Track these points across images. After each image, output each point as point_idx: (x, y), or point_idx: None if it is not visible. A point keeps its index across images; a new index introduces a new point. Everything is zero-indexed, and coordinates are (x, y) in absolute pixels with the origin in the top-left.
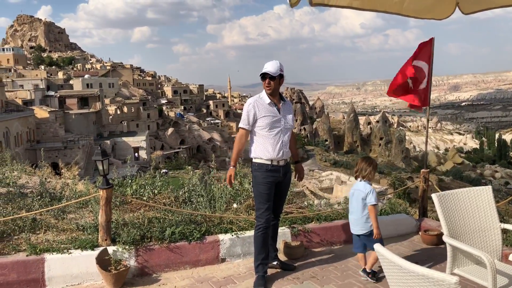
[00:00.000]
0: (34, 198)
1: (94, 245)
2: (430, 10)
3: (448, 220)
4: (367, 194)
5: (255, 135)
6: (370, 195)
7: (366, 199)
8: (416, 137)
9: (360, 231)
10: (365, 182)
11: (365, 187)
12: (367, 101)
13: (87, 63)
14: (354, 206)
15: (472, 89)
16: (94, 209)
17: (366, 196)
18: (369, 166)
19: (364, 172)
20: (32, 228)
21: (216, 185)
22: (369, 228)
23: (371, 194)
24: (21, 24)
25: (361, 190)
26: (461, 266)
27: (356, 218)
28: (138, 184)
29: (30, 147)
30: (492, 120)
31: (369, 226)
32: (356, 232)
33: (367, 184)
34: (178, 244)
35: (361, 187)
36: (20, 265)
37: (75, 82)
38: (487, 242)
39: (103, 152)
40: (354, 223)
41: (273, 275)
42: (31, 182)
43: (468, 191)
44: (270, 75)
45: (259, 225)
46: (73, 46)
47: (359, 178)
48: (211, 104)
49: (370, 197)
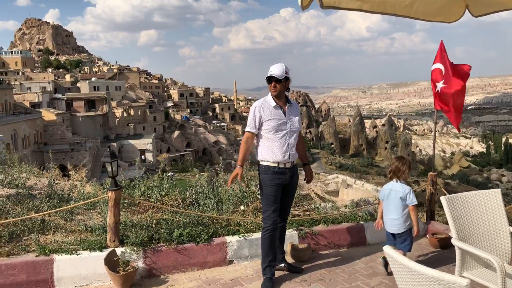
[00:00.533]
0: (43, 199)
1: (103, 246)
2: (440, 13)
3: (457, 223)
4: (407, 195)
5: (261, 138)
6: (410, 195)
7: (407, 199)
8: (422, 140)
9: (398, 231)
10: (401, 183)
11: (403, 187)
12: (373, 104)
13: (94, 66)
14: (392, 206)
15: (479, 92)
16: (102, 211)
17: (406, 196)
18: (403, 166)
19: (399, 172)
20: (41, 229)
21: (224, 187)
22: (407, 227)
23: (411, 194)
24: (29, 27)
25: (399, 191)
26: (470, 269)
27: (394, 218)
28: (146, 186)
29: (37, 149)
30: (498, 124)
31: (407, 225)
32: (394, 232)
33: (405, 185)
34: (186, 245)
35: (399, 187)
36: (29, 265)
37: (82, 84)
38: (496, 246)
39: (112, 154)
40: (391, 223)
41: (281, 277)
42: (40, 183)
43: (477, 194)
44: (276, 78)
45: (266, 227)
46: (80, 49)
47: (395, 179)
48: (217, 107)
49: (411, 198)
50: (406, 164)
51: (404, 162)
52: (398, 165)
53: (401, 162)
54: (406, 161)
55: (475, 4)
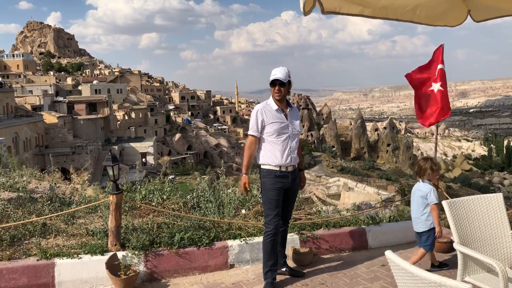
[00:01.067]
0: (44, 203)
1: (104, 250)
2: (443, 17)
3: (458, 228)
4: (427, 194)
5: (263, 142)
6: (430, 194)
7: (428, 198)
8: (423, 143)
9: (420, 229)
10: (424, 183)
11: (425, 187)
12: (374, 107)
13: (95, 69)
14: (414, 205)
15: (480, 95)
16: (104, 214)
17: (426, 195)
18: (425, 165)
19: (421, 172)
20: (43, 232)
21: (225, 191)
22: (429, 226)
23: (431, 193)
24: (31, 30)
25: (421, 190)
26: (472, 273)
27: (415, 217)
28: (147, 189)
29: (38, 152)
30: (500, 127)
31: (429, 224)
32: (417, 230)
33: (427, 184)
34: (187, 249)
35: (422, 187)
36: (30, 269)
37: (83, 87)
38: (498, 250)
39: (114, 158)
40: (414, 222)
41: (282, 282)
42: (41, 187)
43: (479, 198)
44: (280, 81)
45: (267, 231)
46: (82, 52)
47: (420, 179)
48: (218, 110)
49: (431, 197)
50: (428, 164)
51: (427, 161)
52: (422, 164)
53: (424, 162)
54: (428, 161)
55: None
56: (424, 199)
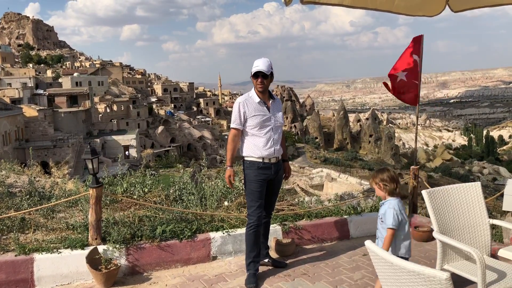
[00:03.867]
0: (23, 197)
1: (84, 244)
2: (421, 7)
3: (438, 217)
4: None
5: (246, 134)
6: (386, 215)
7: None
8: (405, 134)
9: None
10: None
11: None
12: (357, 98)
13: (76, 61)
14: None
15: (460, 86)
16: (84, 208)
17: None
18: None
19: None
20: (21, 227)
21: (207, 183)
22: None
23: (389, 214)
24: (8, 21)
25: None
26: (451, 261)
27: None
28: (128, 182)
29: (18, 146)
30: (480, 117)
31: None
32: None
33: (385, 201)
34: (169, 242)
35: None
36: (8, 265)
37: (64, 80)
38: (477, 238)
39: (93, 151)
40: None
41: (265, 273)
42: (20, 181)
43: (458, 187)
44: (263, 73)
45: (250, 222)
46: (62, 44)
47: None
48: (201, 102)
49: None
50: (378, 177)
51: (376, 174)
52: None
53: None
54: (378, 174)
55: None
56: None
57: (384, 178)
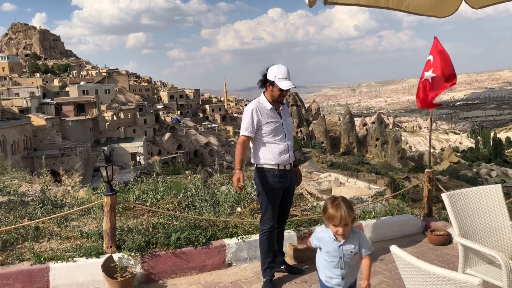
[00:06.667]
0: (36, 206)
1: (99, 252)
2: (433, 6)
3: (459, 220)
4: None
5: (260, 142)
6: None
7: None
8: (412, 137)
9: None
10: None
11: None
12: (362, 102)
13: (82, 70)
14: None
15: (466, 88)
16: (98, 216)
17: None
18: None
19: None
20: (35, 236)
21: (219, 189)
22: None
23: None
24: (16, 32)
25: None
26: (473, 266)
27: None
28: (140, 189)
29: (27, 155)
30: (486, 119)
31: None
32: None
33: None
34: (184, 249)
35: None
36: (24, 274)
37: (71, 89)
38: (499, 241)
39: (107, 158)
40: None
41: (281, 279)
42: (32, 190)
43: (478, 190)
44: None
45: (263, 229)
46: (68, 53)
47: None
48: (207, 109)
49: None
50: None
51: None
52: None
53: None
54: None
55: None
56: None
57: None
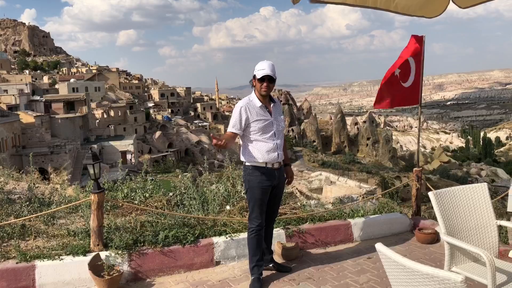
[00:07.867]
0: (22, 204)
1: (86, 250)
2: (422, 7)
3: (445, 218)
4: None
5: (248, 139)
6: None
7: None
8: (403, 136)
9: None
10: None
11: None
12: (354, 101)
13: (72, 67)
14: None
15: (457, 88)
16: (85, 214)
17: None
18: None
19: None
20: (22, 234)
21: (209, 187)
22: None
23: None
24: (4, 28)
25: None
26: (459, 264)
27: None
28: (129, 187)
29: (15, 152)
30: (477, 119)
31: None
32: None
33: None
34: (172, 247)
35: None
36: (9, 273)
37: (60, 86)
38: (484, 239)
39: (94, 156)
40: None
41: (269, 277)
42: (19, 187)
43: (464, 188)
44: (270, 76)
45: (252, 227)
46: (58, 50)
47: None
48: (198, 107)
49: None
50: None
51: None
52: None
53: None
54: None
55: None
56: None
57: None
